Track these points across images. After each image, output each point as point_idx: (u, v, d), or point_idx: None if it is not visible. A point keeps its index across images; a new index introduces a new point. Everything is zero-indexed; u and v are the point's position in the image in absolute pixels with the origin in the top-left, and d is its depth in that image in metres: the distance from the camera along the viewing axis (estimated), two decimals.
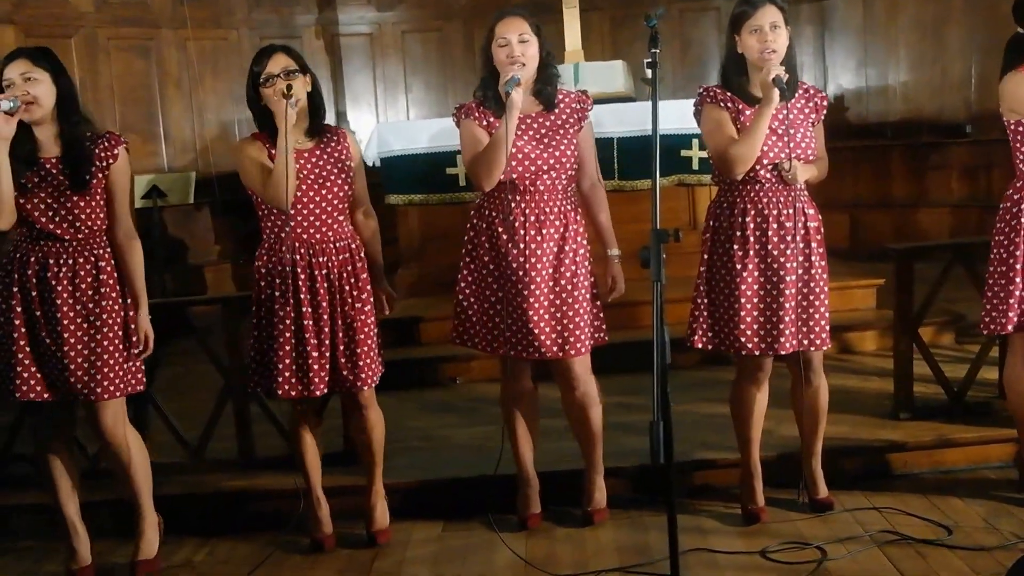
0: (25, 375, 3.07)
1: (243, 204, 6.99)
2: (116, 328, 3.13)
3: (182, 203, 7.49)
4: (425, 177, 5.59)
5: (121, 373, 3.14)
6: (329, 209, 3.20)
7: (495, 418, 4.08)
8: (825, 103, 3.32)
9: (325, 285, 3.19)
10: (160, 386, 3.95)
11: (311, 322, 3.18)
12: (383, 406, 3.41)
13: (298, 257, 3.18)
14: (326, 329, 3.20)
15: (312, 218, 3.18)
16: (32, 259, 3.08)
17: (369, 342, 3.25)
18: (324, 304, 3.19)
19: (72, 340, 3.08)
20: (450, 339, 3.41)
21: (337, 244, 3.23)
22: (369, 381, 3.26)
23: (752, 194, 3.18)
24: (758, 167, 3.14)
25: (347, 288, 3.23)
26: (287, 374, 3.19)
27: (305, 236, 3.18)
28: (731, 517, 3.40)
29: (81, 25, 7.51)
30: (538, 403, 3.46)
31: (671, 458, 2.48)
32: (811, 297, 3.20)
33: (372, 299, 3.30)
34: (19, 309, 3.07)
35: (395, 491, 3.53)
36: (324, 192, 3.18)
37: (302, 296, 3.17)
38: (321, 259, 3.19)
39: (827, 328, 3.23)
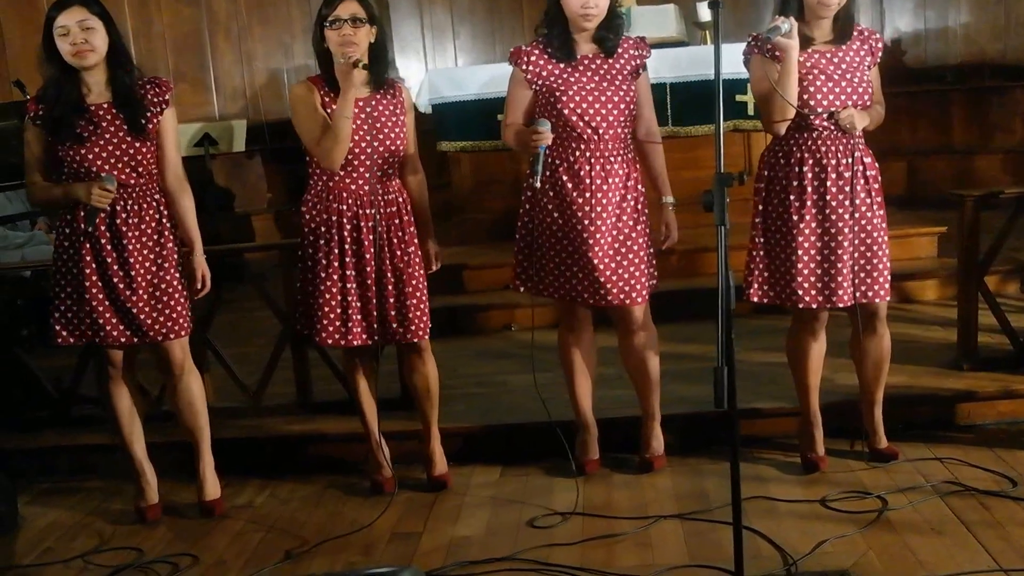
0: (101, 321, 3.13)
1: (293, 152, 6.99)
2: (177, 268, 3.20)
3: (232, 151, 7.52)
4: (476, 123, 5.56)
5: (186, 312, 3.22)
6: (380, 162, 3.18)
7: (548, 364, 4.09)
8: (881, 46, 3.21)
9: (371, 237, 3.18)
10: (217, 332, 4.00)
11: (353, 272, 3.19)
12: (435, 352, 3.42)
13: (345, 208, 3.18)
14: (370, 281, 3.20)
15: (362, 169, 3.17)
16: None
17: (418, 294, 3.25)
18: (368, 256, 3.19)
19: (143, 283, 3.13)
20: (511, 285, 3.41)
21: (386, 197, 3.22)
22: (420, 332, 3.27)
23: (808, 143, 3.11)
24: (812, 115, 3.06)
25: (395, 240, 3.22)
26: (325, 322, 3.22)
27: (354, 187, 3.18)
28: (790, 466, 3.39)
29: None
30: (596, 349, 3.44)
31: (735, 404, 2.46)
32: (874, 247, 3.13)
33: (420, 252, 3.30)
34: (88, 258, 3.12)
35: (454, 436, 3.56)
36: (376, 144, 3.16)
37: (346, 247, 3.18)
38: (369, 211, 3.18)
39: (888, 279, 3.17)
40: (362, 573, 2.78)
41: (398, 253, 3.22)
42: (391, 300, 3.23)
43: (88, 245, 3.11)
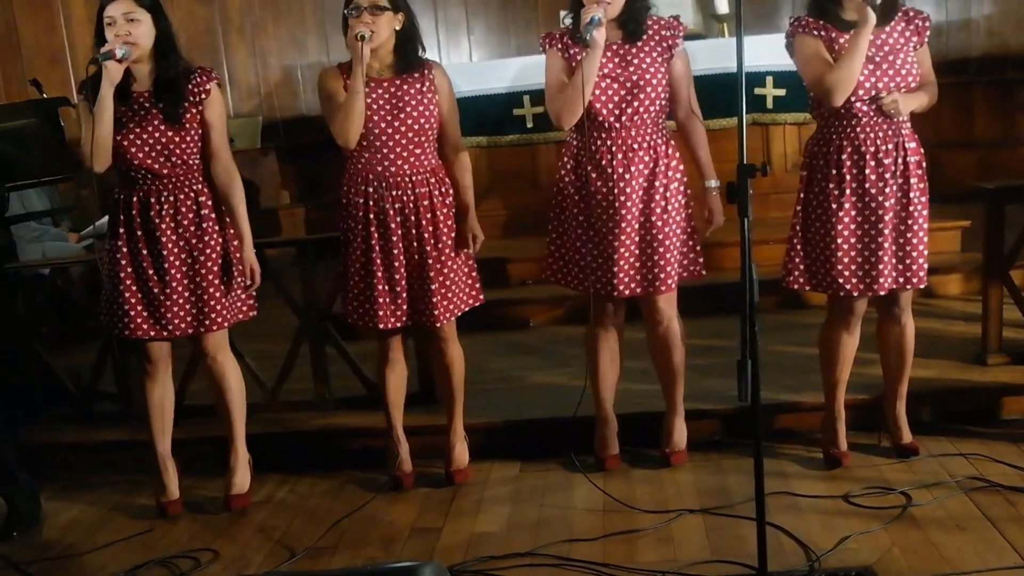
0: (132, 314, 3.15)
1: (309, 148, 6.98)
2: (217, 260, 3.20)
3: (249, 148, 7.53)
4: (492, 119, 5.52)
5: (224, 304, 3.22)
6: (404, 142, 3.16)
7: (571, 360, 4.09)
8: (928, 24, 3.13)
9: (398, 219, 3.17)
10: (237, 328, 3.98)
11: (378, 255, 3.19)
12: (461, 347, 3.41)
13: (371, 190, 3.17)
14: (397, 264, 3.19)
15: (386, 150, 3.16)
16: (134, 199, 3.13)
17: (442, 277, 3.23)
18: (395, 238, 3.18)
19: (178, 276, 3.15)
20: (543, 277, 3.40)
21: (414, 178, 3.19)
22: (444, 316, 3.25)
23: (848, 129, 3.07)
24: (853, 99, 3.00)
25: (424, 222, 3.20)
26: (355, 304, 3.24)
27: (379, 168, 3.17)
28: (813, 461, 3.36)
29: None
30: (622, 344, 3.42)
31: (758, 398, 2.44)
32: (908, 234, 3.10)
33: (455, 235, 3.27)
34: (124, 249, 3.14)
35: (474, 431, 3.55)
36: (398, 124, 3.14)
37: (372, 229, 3.18)
38: (395, 192, 3.17)
39: (924, 266, 3.14)
40: (383, 568, 2.76)
41: (425, 235, 3.20)
42: (417, 283, 3.21)
43: (126, 237, 3.13)
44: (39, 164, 4.44)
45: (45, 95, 5.24)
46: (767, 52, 4.84)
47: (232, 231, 3.24)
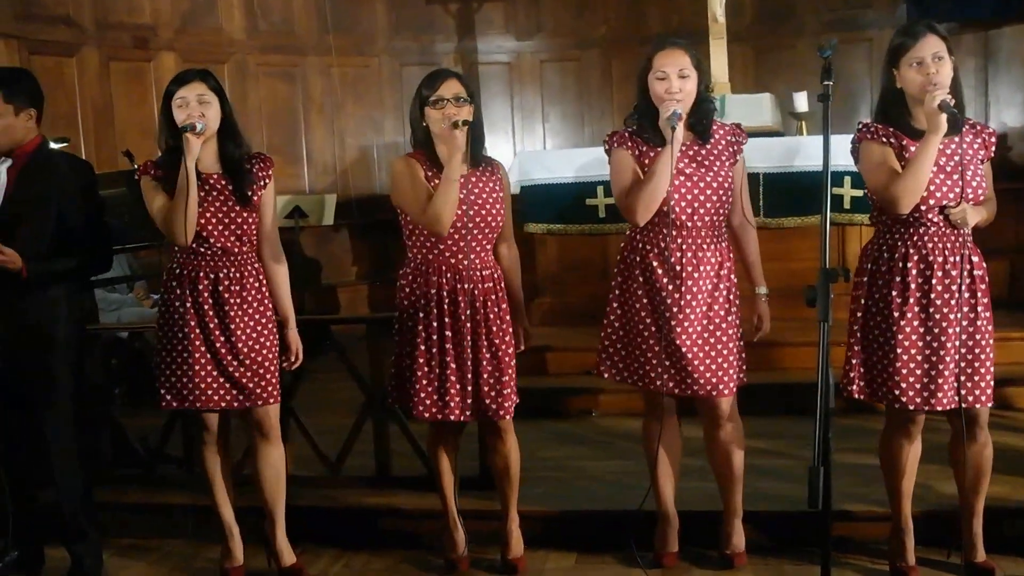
0: (203, 386, 3.21)
1: (380, 226, 7.10)
2: (275, 337, 3.28)
3: (321, 224, 7.71)
4: (565, 207, 5.61)
5: (277, 379, 3.29)
6: (480, 237, 3.22)
7: (628, 452, 4.05)
8: (994, 139, 3.13)
9: (468, 312, 3.21)
10: (300, 401, 4.05)
11: (452, 346, 3.21)
12: (516, 434, 3.40)
13: (444, 281, 3.21)
14: (465, 356, 3.21)
15: (462, 244, 3.20)
16: (201, 273, 3.21)
17: (509, 371, 3.26)
18: (465, 331, 3.21)
19: (245, 349, 3.22)
20: (595, 371, 3.39)
21: (483, 272, 3.24)
22: (512, 410, 3.27)
23: (915, 237, 3.04)
24: (923, 207, 2.99)
25: (491, 316, 3.24)
26: (423, 395, 3.23)
27: (453, 261, 3.21)
28: (878, 573, 3.25)
29: (233, 52, 7.88)
30: (681, 440, 3.39)
31: (829, 505, 2.39)
32: (975, 350, 3.03)
33: (511, 329, 3.31)
34: (193, 323, 3.21)
35: (530, 519, 3.51)
36: (478, 220, 3.20)
37: (445, 320, 3.20)
38: (467, 286, 3.21)
39: (991, 384, 3.06)
40: None
41: (494, 329, 3.24)
42: (484, 376, 3.23)
43: (192, 311, 3.20)
44: (126, 231, 4.61)
45: (136, 165, 5.45)
46: (844, 152, 4.85)
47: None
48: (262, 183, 3.25)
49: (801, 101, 6.38)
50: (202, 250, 3.20)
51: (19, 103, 3.25)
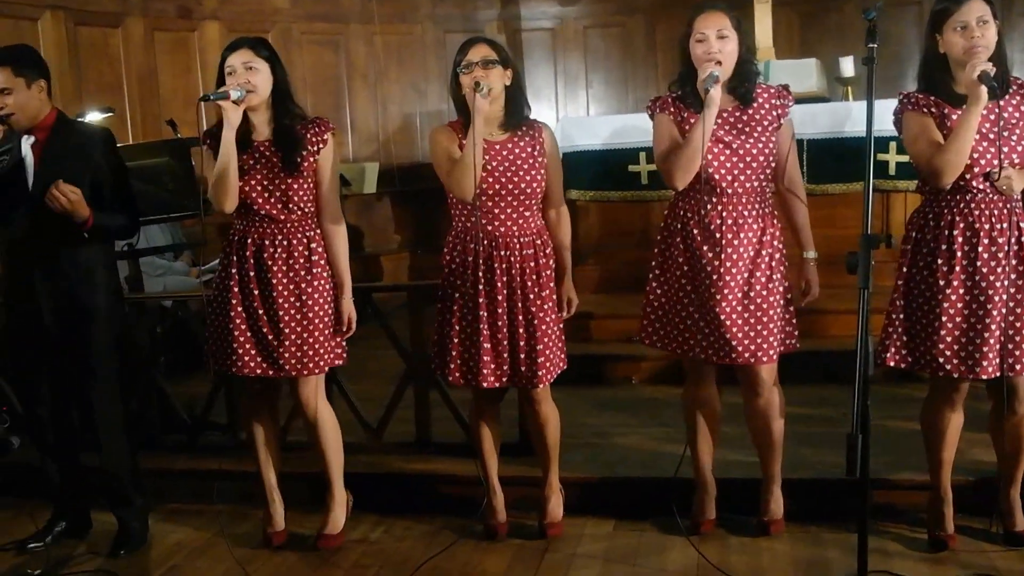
0: (240, 351, 3.25)
1: (422, 195, 7.09)
2: (325, 306, 3.29)
3: (364, 192, 7.74)
4: (607, 173, 5.58)
5: (326, 348, 3.30)
6: (515, 203, 3.21)
7: (668, 420, 4.06)
8: None
9: (504, 279, 3.20)
10: (343, 368, 4.09)
11: (486, 313, 3.21)
12: (557, 401, 3.41)
13: (480, 248, 3.20)
14: (501, 323, 3.21)
15: (497, 211, 3.20)
16: (249, 240, 3.24)
17: (546, 340, 3.24)
18: (500, 298, 3.20)
19: (286, 318, 3.24)
20: (637, 337, 3.38)
21: (522, 239, 3.23)
22: (546, 379, 3.27)
23: (961, 205, 2.98)
24: (968, 175, 2.92)
25: (529, 284, 3.22)
26: (459, 362, 3.25)
27: (490, 228, 3.20)
28: (917, 542, 3.23)
29: (277, 20, 7.89)
30: (720, 408, 3.39)
31: (867, 473, 2.38)
32: (1022, 319, 2.98)
33: (555, 296, 3.30)
34: (235, 289, 3.25)
35: (570, 486, 3.54)
36: (511, 186, 3.18)
37: (480, 287, 3.20)
38: (503, 252, 3.20)
39: None
40: None
41: (531, 297, 3.22)
42: (521, 344, 3.23)
43: (237, 277, 3.24)
44: (169, 200, 4.69)
45: (179, 135, 5.53)
46: (890, 117, 4.78)
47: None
48: (316, 148, 3.22)
49: (847, 66, 6.25)
50: (251, 217, 3.23)
51: (29, 76, 3.26)
